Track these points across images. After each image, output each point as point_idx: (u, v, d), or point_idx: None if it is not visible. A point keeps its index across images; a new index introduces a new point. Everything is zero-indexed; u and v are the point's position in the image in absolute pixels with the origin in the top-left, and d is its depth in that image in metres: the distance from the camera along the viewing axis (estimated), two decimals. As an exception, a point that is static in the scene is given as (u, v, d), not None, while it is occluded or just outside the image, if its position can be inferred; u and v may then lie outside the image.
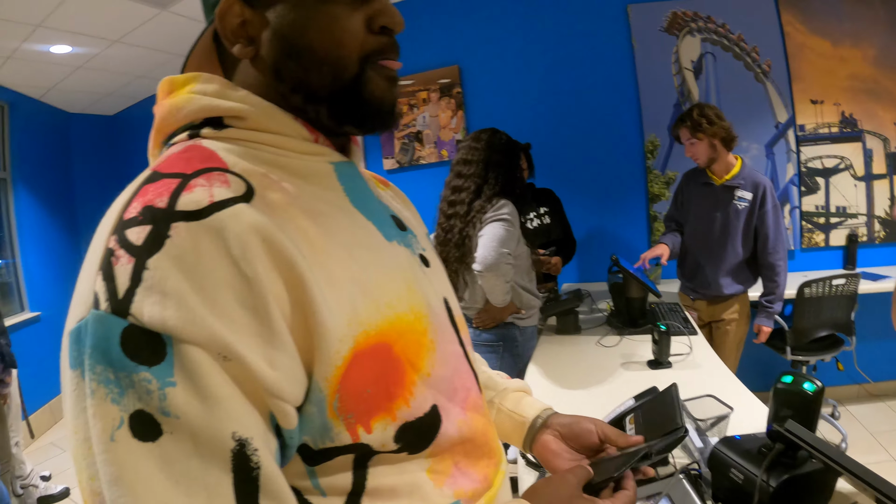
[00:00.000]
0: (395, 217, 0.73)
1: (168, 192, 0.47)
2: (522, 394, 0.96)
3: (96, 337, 0.43)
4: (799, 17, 3.63)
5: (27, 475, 3.49)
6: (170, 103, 0.62)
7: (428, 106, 4.40)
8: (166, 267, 0.43)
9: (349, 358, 0.52)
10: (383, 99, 0.64)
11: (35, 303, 5.09)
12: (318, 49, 0.60)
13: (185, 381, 0.42)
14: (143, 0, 3.64)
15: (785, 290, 2.75)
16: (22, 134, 5.11)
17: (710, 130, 2.63)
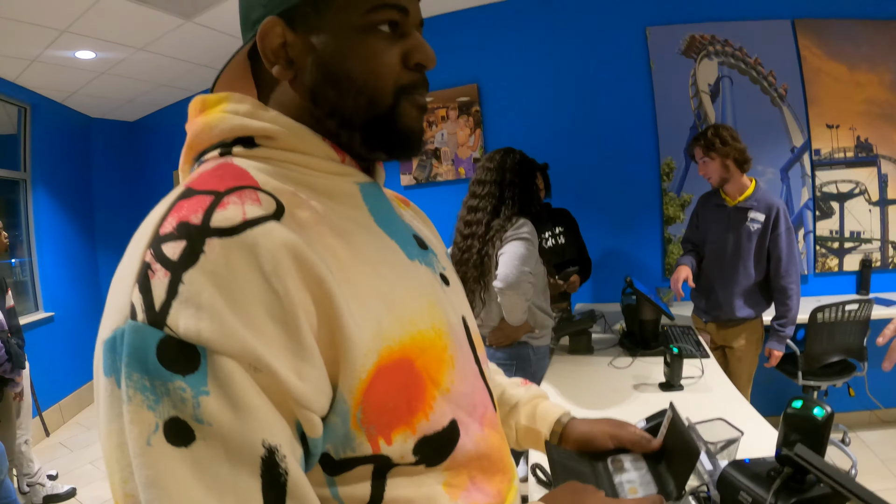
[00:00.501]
0: (417, 236, 0.76)
1: (202, 209, 0.50)
2: (538, 401, 0.98)
3: (133, 346, 0.45)
4: (816, 41, 3.64)
5: (34, 473, 3.52)
6: (202, 121, 0.64)
7: (446, 123, 4.44)
8: (201, 281, 0.46)
9: (373, 371, 0.54)
10: (413, 129, 0.68)
11: (49, 303, 5.15)
12: (356, 79, 0.63)
13: (218, 390, 0.44)
14: (169, 10, 3.69)
15: (797, 315, 2.72)
16: (43, 136, 5.19)
17: (723, 150, 2.65)
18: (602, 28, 4.01)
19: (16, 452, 3.39)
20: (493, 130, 4.36)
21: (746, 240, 2.71)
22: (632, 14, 3.93)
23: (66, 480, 3.80)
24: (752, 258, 2.72)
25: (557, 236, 3.29)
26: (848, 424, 3.61)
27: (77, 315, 5.51)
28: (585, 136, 4.09)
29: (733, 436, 1.45)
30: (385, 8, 0.63)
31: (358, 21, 0.62)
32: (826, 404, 1.15)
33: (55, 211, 5.37)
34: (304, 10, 0.62)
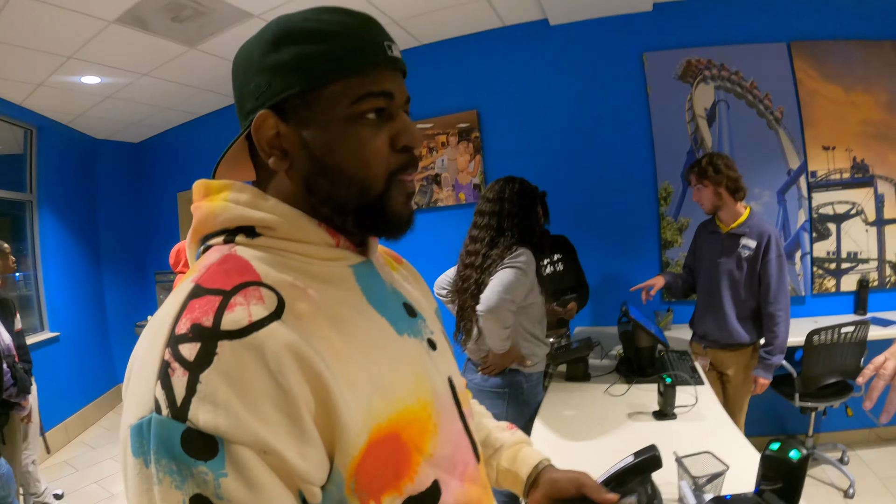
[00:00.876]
0: (407, 304, 0.81)
1: (213, 311, 0.56)
2: (520, 446, 1.06)
3: (160, 437, 0.51)
4: (812, 63, 3.67)
5: (41, 493, 3.56)
6: (207, 208, 0.70)
7: (447, 149, 4.48)
8: (216, 381, 0.52)
9: (364, 448, 0.61)
10: (402, 212, 0.73)
11: (55, 323, 5.19)
12: (346, 169, 0.68)
13: (235, 472, 0.51)
14: (173, 38, 3.76)
15: (786, 342, 2.72)
16: (49, 157, 5.25)
17: (715, 178, 2.70)
18: (600, 54, 4.06)
19: (22, 472, 3.43)
20: (493, 156, 4.40)
21: (738, 266, 2.75)
22: (629, 40, 3.98)
23: (71, 499, 3.85)
24: (744, 284, 2.75)
25: (556, 263, 3.31)
26: (846, 443, 3.62)
27: (82, 335, 5.55)
28: (583, 160, 4.13)
29: (719, 469, 1.48)
30: (370, 97, 0.67)
31: (345, 112, 0.67)
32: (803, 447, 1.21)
33: (60, 231, 5.42)
34: (295, 103, 0.67)
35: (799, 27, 3.70)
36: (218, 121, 5.60)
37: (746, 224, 2.74)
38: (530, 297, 2.38)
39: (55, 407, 4.81)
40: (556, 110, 4.19)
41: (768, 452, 1.26)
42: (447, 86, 4.45)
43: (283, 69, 0.66)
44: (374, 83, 0.67)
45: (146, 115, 5.50)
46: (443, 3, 3.78)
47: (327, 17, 0.68)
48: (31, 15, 3.24)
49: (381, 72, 0.68)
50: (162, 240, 6.14)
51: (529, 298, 2.38)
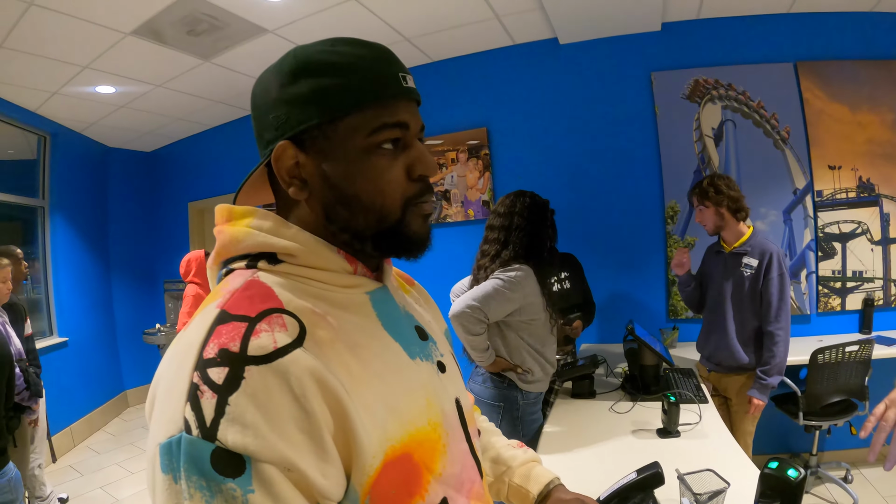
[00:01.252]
0: (419, 327, 0.85)
1: (239, 337, 0.59)
2: (532, 464, 1.08)
3: (190, 455, 0.54)
4: (818, 83, 3.70)
5: (46, 496, 3.58)
6: (230, 233, 0.73)
7: (456, 166, 4.52)
8: (244, 404, 0.55)
9: (380, 468, 0.64)
10: (420, 234, 0.76)
11: (63, 328, 5.24)
12: (364, 199, 0.71)
13: (261, 489, 0.55)
14: (188, 51, 3.82)
15: (784, 364, 2.69)
16: (62, 164, 5.32)
17: (716, 199, 2.73)
18: (608, 73, 4.10)
19: (28, 476, 3.45)
20: (502, 173, 4.44)
21: (741, 285, 2.75)
22: (637, 59, 4.02)
23: (76, 504, 3.85)
24: (747, 304, 2.74)
25: (563, 281, 3.32)
26: (850, 462, 3.62)
27: (90, 341, 5.60)
28: (591, 178, 4.16)
29: (720, 487, 1.50)
30: (386, 128, 0.70)
31: (362, 143, 0.70)
32: (800, 466, 1.25)
33: (71, 238, 5.48)
34: (313, 135, 0.70)
35: (805, 47, 3.74)
36: (229, 132, 5.66)
37: (748, 243, 2.75)
38: (527, 313, 2.38)
39: (62, 411, 4.85)
40: (565, 128, 4.22)
41: (767, 471, 1.30)
42: (457, 103, 4.50)
43: (301, 102, 0.69)
44: (390, 114, 0.70)
45: (159, 125, 5.58)
46: (454, 21, 3.84)
47: (344, 49, 0.71)
48: (48, 25, 3.31)
49: (396, 103, 0.71)
50: (172, 248, 6.22)
51: (526, 314, 2.38)
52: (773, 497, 1.28)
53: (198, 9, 3.26)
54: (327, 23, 3.56)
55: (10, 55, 3.68)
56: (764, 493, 1.29)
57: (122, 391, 6.18)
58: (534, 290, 2.37)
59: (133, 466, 4.54)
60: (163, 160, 6.42)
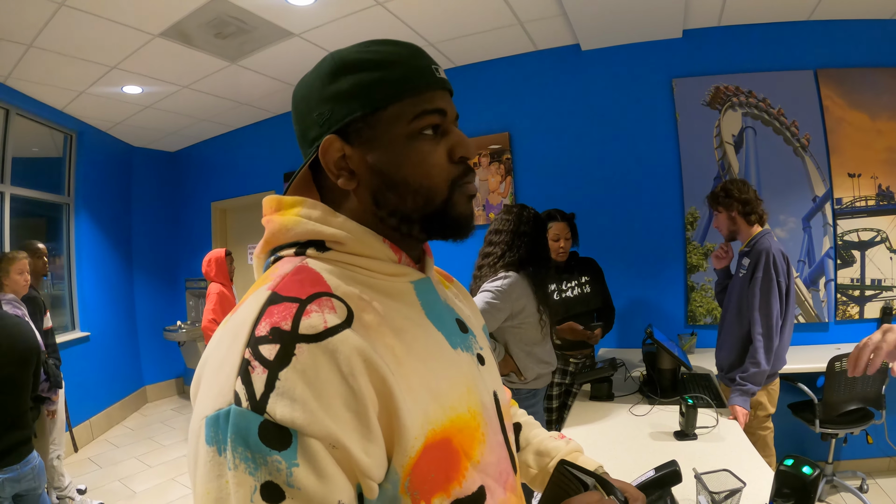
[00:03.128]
0: (459, 320, 0.87)
1: (290, 316, 0.61)
2: (577, 454, 1.09)
3: (238, 426, 0.56)
4: (838, 91, 3.69)
5: (65, 487, 3.65)
6: (280, 221, 0.76)
7: (478, 170, 4.54)
8: (294, 379, 0.57)
9: (420, 450, 0.65)
10: (465, 214, 0.79)
11: (86, 323, 5.33)
12: (412, 182, 0.74)
13: (306, 463, 0.56)
14: (215, 53, 3.88)
15: (765, 373, 2.50)
16: (87, 162, 5.43)
17: (726, 203, 2.71)
18: (630, 79, 4.12)
19: (48, 466, 3.53)
20: (524, 178, 4.47)
21: (736, 288, 2.73)
22: (658, 66, 4.03)
23: (94, 496, 3.94)
24: (743, 308, 2.67)
25: (583, 285, 3.33)
26: (866, 471, 3.60)
27: (112, 336, 5.69)
28: (612, 184, 4.17)
29: (736, 486, 1.52)
30: (426, 114, 0.74)
31: (405, 130, 0.73)
32: (816, 464, 1.27)
33: (95, 235, 5.58)
34: (357, 126, 0.74)
35: (826, 55, 3.73)
36: (253, 134, 5.72)
37: (749, 244, 2.70)
38: (518, 318, 2.45)
39: (82, 405, 4.93)
40: (586, 134, 4.24)
41: (782, 468, 1.32)
42: (480, 108, 4.53)
43: (344, 97, 0.73)
44: (428, 102, 0.74)
45: (183, 126, 5.66)
46: (477, 27, 3.87)
47: (379, 48, 0.75)
48: (78, 26, 3.39)
49: (432, 92, 0.75)
50: (194, 247, 6.31)
51: (517, 319, 2.45)
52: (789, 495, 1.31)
53: (226, 12, 3.32)
54: (353, 27, 3.61)
55: (40, 54, 3.76)
56: (779, 490, 1.32)
57: (141, 386, 6.26)
58: (522, 293, 2.43)
59: (151, 460, 4.61)
60: (186, 160, 6.50)
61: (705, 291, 3.96)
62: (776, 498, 1.30)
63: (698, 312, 3.97)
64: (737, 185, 2.72)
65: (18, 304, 3.16)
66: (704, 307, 3.97)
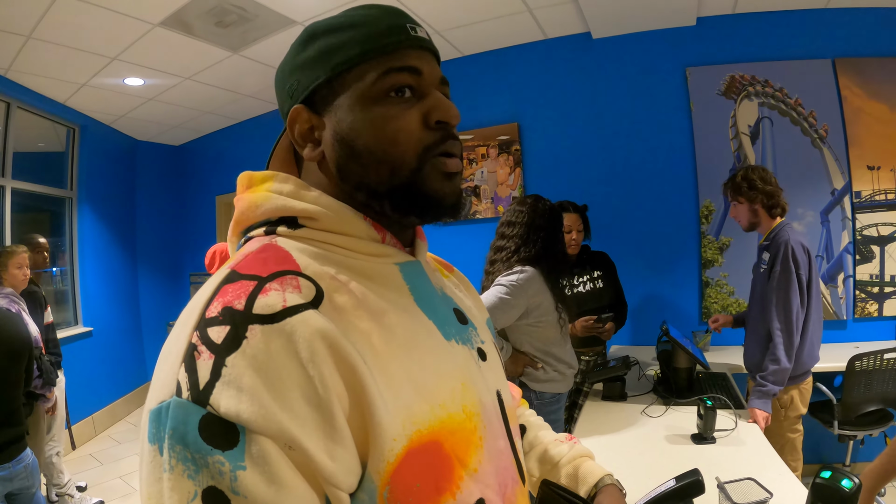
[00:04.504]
0: (458, 310, 0.79)
1: (245, 295, 0.53)
2: (580, 461, 0.97)
3: (177, 420, 0.48)
4: (857, 80, 3.59)
5: (64, 484, 3.61)
6: (249, 199, 0.68)
7: (486, 162, 4.48)
8: (242, 365, 0.49)
9: (402, 455, 0.56)
10: (443, 193, 0.68)
11: (88, 318, 5.31)
12: (375, 149, 0.65)
13: (254, 466, 0.47)
14: (217, 43, 3.82)
15: (787, 371, 2.40)
16: (90, 156, 5.39)
17: (750, 195, 2.57)
18: (642, 69, 4.04)
19: (46, 463, 3.49)
20: (533, 170, 4.39)
21: (760, 284, 2.62)
22: (672, 55, 3.94)
23: (94, 493, 3.89)
24: (764, 303, 2.57)
25: (595, 280, 3.26)
26: (885, 475, 3.51)
27: (115, 331, 5.66)
28: (624, 176, 4.10)
29: (762, 497, 1.44)
30: (394, 72, 0.65)
31: (370, 92, 0.65)
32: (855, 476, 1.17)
33: (99, 229, 5.55)
34: (323, 94, 0.67)
35: (843, 43, 3.64)
36: (258, 126, 5.68)
37: (769, 236, 2.59)
38: (534, 315, 2.34)
39: (84, 400, 4.91)
40: (598, 124, 4.17)
41: (819, 481, 1.22)
42: (488, 98, 4.47)
43: (310, 64, 0.67)
44: (397, 60, 0.66)
45: (187, 119, 5.61)
46: (485, 14, 3.80)
47: (352, 11, 0.68)
48: (76, 16, 3.32)
49: (404, 51, 0.67)
50: (198, 241, 6.27)
51: (533, 317, 2.34)
52: None
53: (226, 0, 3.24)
54: (349, 8, 3.53)
55: (39, 46, 3.71)
56: (815, 503, 1.22)
57: (145, 382, 6.22)
58: (538, 290, 2.32)
59: (154, 458, 4.56)
60: (191, 154, 6.47)
61: (720, 287, 3.87)
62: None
63: (713, 309, 3.89)
64: (759, 174, 2.58)
65: (16, 299, 3.12)
66: (720, 303, 3.88)
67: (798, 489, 1.65)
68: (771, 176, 2.62)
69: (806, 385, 2.58)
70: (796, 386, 2.54)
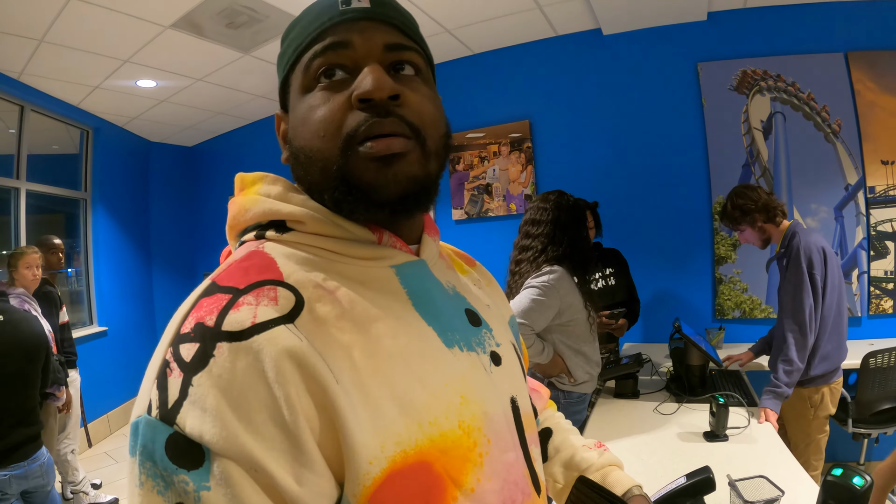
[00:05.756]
0: (471, 310, 0.73)
1: (217, 310, 0.52)
2: (608, 469, 0.93)
3: (146, 438, 0.48)
4: (870, 74, 3.55)
5: (79, 481, 3.66)
6: (240, 202, 0.66)
7: (498, 159, 4.49)
8: (208, 385, 0.48)
9: (381, 478, 0.53)
10: (378, 183, 0.60)
11: (103, 318, 5.36)
12: (304, 146, 0.62)
13: (218, 487, 0.46)
14: (227, 44, 3.84)
15: (799, 372, 2.39)
16: (104, 158, 5.43)
17: (748, 220, 2.58)
18: (653, 64, 4.02)
19: (62, 461, 3.53)
20: (545, 167, 4.39)
21: (779, 287, 2.61)
22: (683, 50, 3.92)
23: (109, 490, 3.94)
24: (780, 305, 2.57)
25: (608, 277, 3.24)
26: (900, 473, 3.47)
27: (130, 331, 5.71)
28: (636, 173, 4.08)
29: (774, 495, 1.44)
30: (318, 56, 0.61)
31: (302, 83, 0.63)
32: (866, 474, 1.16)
33: (113, 230, 5.59)
34: (285, 93, 0.67)
35: (856, 37, 3.59)
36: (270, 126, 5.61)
37: (783, 243, 2.58)
38: (566, 315, 2.31)
39: (99, 399, 4.97)
40: (609, 121, 4.15)
41: (830, 478, 1.22)
42: (499, 95, 4.47)
43: (279, 65, 0.68)
44: (320, 42, 0.62)
45: (200, 120, 5.64)
46: (495, 12, 3.79)
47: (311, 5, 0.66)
48: (88, 19, 3.35)
49: (332, 28, 0.61)
50: (212, 242, 6.33)
51: (566, 316, 2.31)
52: None
53: (237, 1, 3.26)
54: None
55: (52, 49, 3.74)
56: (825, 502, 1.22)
57: (159, 381, 6.28)
58: (569, 289, 2.29)
59: (169, 456, 4.61)
60: (204, 155, 6.50)
61: (734, 284, 3.84)
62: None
63: (726, 306, 3.86)
64: (747, 196, 2.59)
65: (28, 299, 3.15)
66: (733, 300, 3.85)
67: (810, 487, 1.63)
68: (754, 189, 2.62)
69: (836, 385, 2.57)
70: (827, 385, 2.52)
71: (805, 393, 2.51)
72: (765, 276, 3.76)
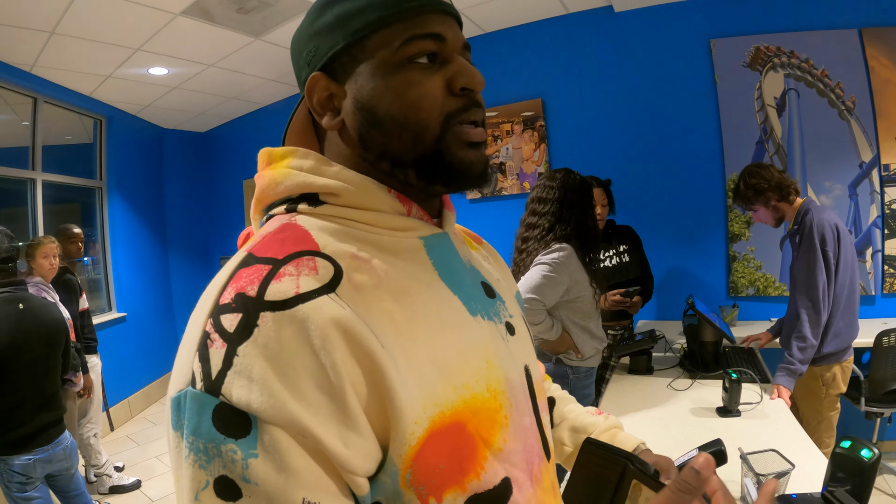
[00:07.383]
0: (486, 283, 0.76)
1: (259, 280, 0.52)
2: (615, 430, 0.99)
3: (191, 411, 0.49)
4: (884, 50, 3.49)
5: (102, 464, 3.74)
6: (269, 176, 0.67)
7: (511, 138, 4.49)
8: (253, 354, 0.48)
9: (424, 438, 0.55)
10: (468, 161, 0.66)
11: (122, 304, 5.43)
12: (397, 116, 0.64)
13: (266, 454, 0.48)
14: (238, 29, 3.84)
15: (813, 349, 2.39)
16: (118, 146, 5.48)
17: (761, 199, 2.57)
18: (666, 41, 3.98)
19: (85, 445, 3.61)
20: (558, 145, 4.39)
21: (792, 266, 2.62)
22: (696, 26, 3.88)
23: (131, 473, 4.02)
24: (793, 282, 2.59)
25: (622, 254, 3.25)
26: (911, 453, 3.48)
27: (148, 316, 5.80)
28: (649, 150, 4.06)
29: (784, 468, 1.45)
30: (417, 39, 0.63)
31: (392, 58, 0.64)
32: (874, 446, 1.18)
33: (129, 217, 5.66)
34: (343, 60, 0.65)
35: (870, 12, 3.52)
36: (283, 110, 5.69)
37: (797, 220, 2.58)
38: (573, 291, 2.33)
39: (120, 384, 5.06)
40: (622, 98, 4.13)
41: (839, 450, 1.24)
42: (511, 74, 4.45)
43: (328, 30, 0.66)
44: (419, 27, 0.64)
45: (212, 105, 5.66)
46: (506, -10, 3.76)
47: None
48: (99, 8, 3.37)
49: (426, 16, 0.65)
50: (227, 226, 6.40)
51: (573, 293, 2.33)
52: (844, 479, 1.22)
53: (246, -15, 3.27)
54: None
55: (63, 41, 3.77)
56: (834, 474, 1.24)
57: (177, 365, 6.38)
58: (577, 267, 2.32)
59: (189, 438, 4.68)
60: (217, 140, 6.54)
61: (748, 261, 3.83)
62: (830, 482, 1.22)
63: (740, 283, 3.85)
64: (759, 176, 2.58)
65: (45, 288, 3.19)
66: (747, 278, 3.84)
67: (821, 461, 1.65)
68: (767, 168, 2.61)
69: (847, 363, 2.57)
70: (839, 363, 2.52)
71: (817, 371, 2.51)
72: (779, 254, 3.73)
